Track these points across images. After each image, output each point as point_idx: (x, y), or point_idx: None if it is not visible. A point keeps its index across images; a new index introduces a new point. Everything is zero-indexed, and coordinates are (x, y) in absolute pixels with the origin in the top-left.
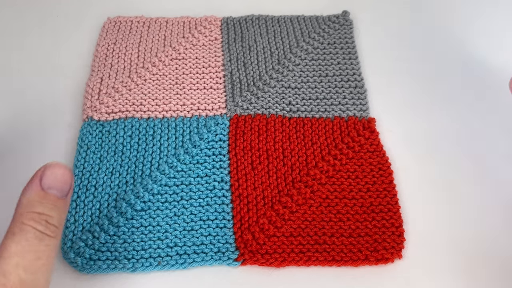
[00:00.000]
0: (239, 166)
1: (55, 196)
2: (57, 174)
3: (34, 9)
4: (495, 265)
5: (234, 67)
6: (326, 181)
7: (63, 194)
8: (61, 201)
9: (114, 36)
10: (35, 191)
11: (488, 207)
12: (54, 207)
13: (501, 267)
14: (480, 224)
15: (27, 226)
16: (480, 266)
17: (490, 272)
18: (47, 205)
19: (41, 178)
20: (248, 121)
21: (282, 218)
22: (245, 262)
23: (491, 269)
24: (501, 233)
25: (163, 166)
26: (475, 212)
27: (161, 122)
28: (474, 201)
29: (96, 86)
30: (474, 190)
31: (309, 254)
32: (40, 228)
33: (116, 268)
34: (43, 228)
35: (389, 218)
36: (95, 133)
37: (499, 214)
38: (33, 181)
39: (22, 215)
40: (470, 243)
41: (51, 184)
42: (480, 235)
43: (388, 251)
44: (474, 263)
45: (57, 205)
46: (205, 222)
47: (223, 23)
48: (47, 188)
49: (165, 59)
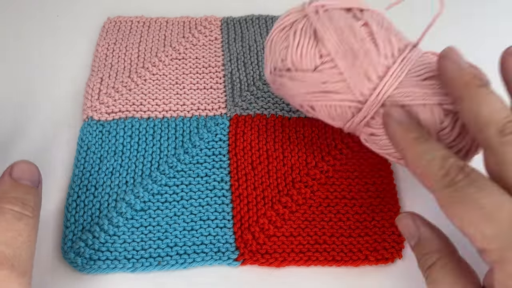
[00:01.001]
0: (239, 166)
1: (27, 185)
2: (24, 167)
3: (34, 9)
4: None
5: (234, 67)
6: (326, 181)
7: (35, 184)
8: (33, 189)
9: (114, 36)
10: (7, 182)
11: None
12: (28, 192)
13: None
14: None
15: (4, 208)
16: (481, 266)
17: None
18: (21, 190)
19: (10, 173)
20: (248, 121)
21: (282, 218)
22: (245, 262)
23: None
24: None
25: (163, 166)
26: None
27: (161, 122)
28: None
29: (96, 86)
30: None
31: (309, 254)
32: (17, 209)
33: (116, 268)
34: (20, 209)
35: (389, 218)
36: (95, 133)
37: None
38: (3, 177)
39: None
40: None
41: (21, 176)
42: None
43: (388, 251)
44: (474, 262)
45: (31, 192)
46: (205, 222)
47: (223, 23)
48: (18, 179)
49: (165, 59)
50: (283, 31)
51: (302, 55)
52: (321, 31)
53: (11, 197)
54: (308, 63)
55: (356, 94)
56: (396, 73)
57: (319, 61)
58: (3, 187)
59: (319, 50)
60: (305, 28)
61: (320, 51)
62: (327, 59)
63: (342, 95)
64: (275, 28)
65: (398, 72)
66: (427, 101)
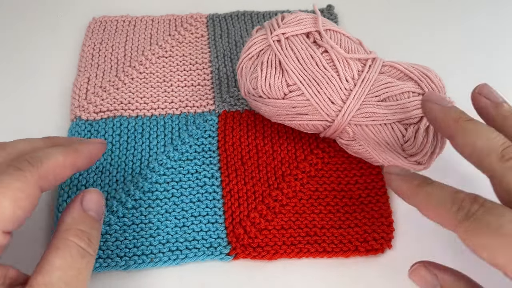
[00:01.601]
0: (229, 161)
1: (93, 218)
2: (94, 197)
3: (19, 10)
4: None
5: (221, 63)
6: (315, 174)
7: (99, 217)
8: (98, 223)
9: (100, 35)
10: (77, 211)
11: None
12: (94, 227)
13: None
14: None
15: (71, 242)
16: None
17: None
18: (88, 224)
19: (81, 201)
20: (236, 117)
21: (273, 212)
22: (237, 256)
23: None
24: None
25: (153, 163)
26: None
27: (149, 120)
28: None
29: (83, 86)
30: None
31: (301, 246)
32: (82, 245)
33: (109, 266)
34: (86, 246)
35: (378, 208)
36: (83, 133)
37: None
38: (75, 203)
39: (66, 231)
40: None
41: (91, 207)
42: None
43: (377, 242)
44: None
45: (95, 226)
46: (196, 218)
47: (209, 20)
48: (87, 210)
49: (152, 57)
50: (251, 60)
51: (271, 85)
52: (285, 63)
53: (78, 229)
54: (277, 92)
55: (324, 116)
56: (358, 96)
57: (287, 90)
58: (73, 215)
59: (286, 80)
60: (271, 59)
61: (286, 81)
62: (294, 88)
63: (312, 116)
64: (243, 57)
65: (359, 94)
66: (387, 121)
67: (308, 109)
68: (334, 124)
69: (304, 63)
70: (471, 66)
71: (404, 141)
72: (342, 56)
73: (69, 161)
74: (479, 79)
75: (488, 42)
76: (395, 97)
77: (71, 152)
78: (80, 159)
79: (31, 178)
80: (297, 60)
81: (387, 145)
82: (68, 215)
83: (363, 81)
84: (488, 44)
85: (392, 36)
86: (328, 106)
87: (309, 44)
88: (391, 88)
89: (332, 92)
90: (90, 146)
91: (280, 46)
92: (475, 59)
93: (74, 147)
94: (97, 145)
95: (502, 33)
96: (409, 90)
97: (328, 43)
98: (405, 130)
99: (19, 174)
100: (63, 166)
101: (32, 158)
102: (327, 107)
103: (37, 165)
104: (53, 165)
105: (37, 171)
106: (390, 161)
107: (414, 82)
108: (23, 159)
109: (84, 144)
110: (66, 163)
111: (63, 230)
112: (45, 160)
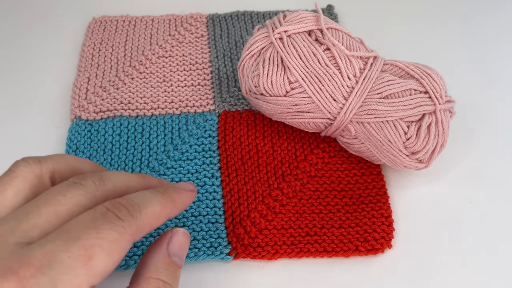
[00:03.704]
0: (229, 161)
1: (177, 265)
2: (181, 241)
3: (19, 10)
4: (484, 252)
5: (221, 63)
6: (315, 174)
7: (181, 263)
8: (180, 270)
9: (100, 35)
10: (162, 255)
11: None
12: (175, 276)
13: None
14: (469, 211)
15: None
16: (469, 255)
17: (480, 260)
18: (171, 273)
19: (168, 243)
20: (236, 117)
21: (273, 212)
22: (237, 256)
23: (480, 257)
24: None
25: (153, 163)
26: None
27: (149, 120)
28: (462, 188)
29: (84, 86)
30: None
31: (301, 246)
32: None
33: None
34: None
35: (378, 208)
36: (83, 133)
37: (486, 201)
38: (161, 245)
39: (148, 279)
40: None
41: (176, 252)
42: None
43: (378, 242)
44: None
45: (176, 275)
46: (197, 218)
47: (209, 20)
48: (173, 255)
49: (152, 57)
50: (253, 58)
51: (273, 83)
52: (287, 61)
53: (161, 280)
54: (279, 90)
55: (325, 113)
56: (360, 93)
57: (289, 87)
58: (157, 259)
59: (288, 77)
60: (273, 57)
61: (288, 78)
62: (296, 85)
63: (314, 114)
64: (245, 54)
65: (361, 92)
66: (389, 118)
67: (310, 106)
68: (336, 122)
69: (306, 60)
70: (472, 65)
71: (406, 139)
72: (344, 53)
73: (165, 213)
74: (479, 78)
75: (489, 41)
76: (397, 95)
77: (168, 203)
78: (175, 210)
79: (129, 230)
80: (299, 57)
81: (389, 143)
82: (152, 258)
83: (365, 79)
84: (489, 43)
85: (392, 36)
86: (330, 104)
87: (311, 42)
88: (393, 86)
89: (334, 89)
90: (184, 196)
91: (282, 43)
92: (475, 58)
93: (171, 196)
94: (190, 193)
95: (503, 32)
96: (411, 87)
97: (330, 41)
98: (407, 128)
99: (118, 224)
100: (159, 217)
101: (132, 207)
102: (329, 105)
103: (136, 215)
104: (150, 216)
105: (135, 223)
106: (392, 159)
107: (416, 80)
108: (122, 205)
109: (178, 193)
110: (163, 214)
111: (145, 276)
112: (143, 210)
